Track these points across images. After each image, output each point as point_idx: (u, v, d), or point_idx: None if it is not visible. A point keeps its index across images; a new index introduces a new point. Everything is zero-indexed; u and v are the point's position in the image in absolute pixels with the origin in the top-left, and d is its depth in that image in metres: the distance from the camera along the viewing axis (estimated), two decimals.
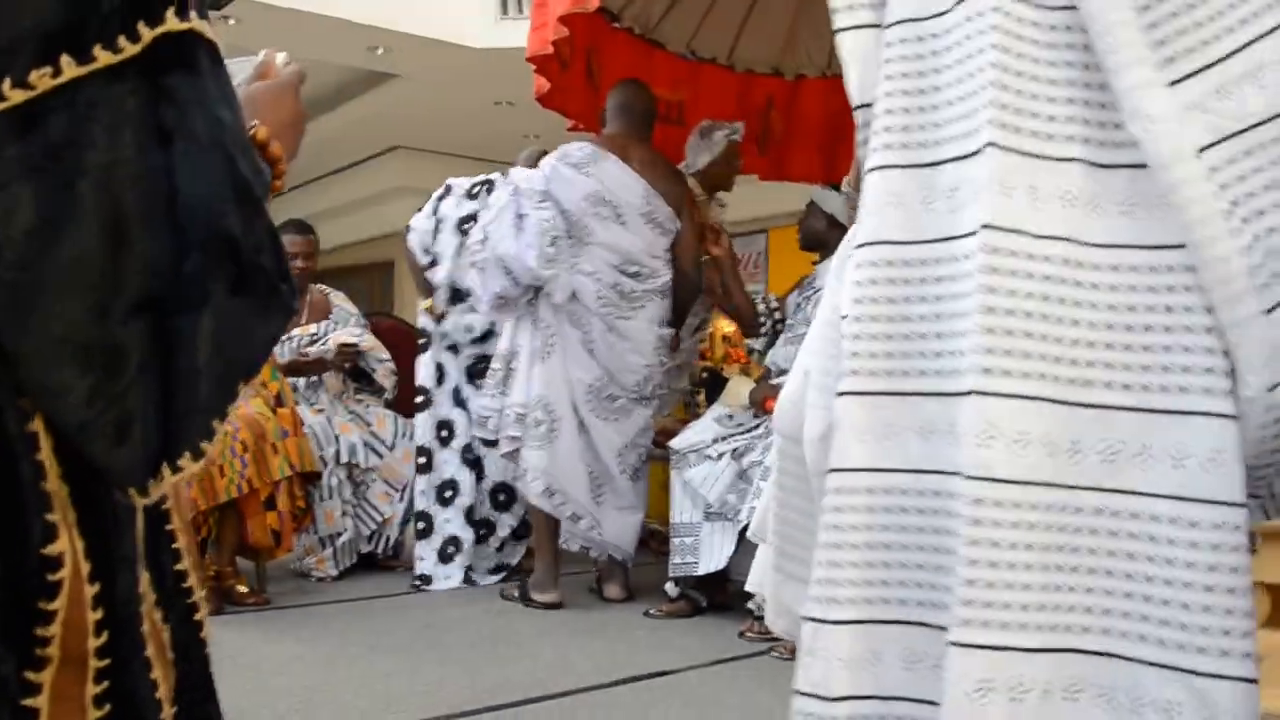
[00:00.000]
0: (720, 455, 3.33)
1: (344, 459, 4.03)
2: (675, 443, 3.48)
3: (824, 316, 1.32)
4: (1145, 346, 1.08)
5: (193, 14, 0.63)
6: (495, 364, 3.66)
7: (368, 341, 4.22)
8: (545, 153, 4.24)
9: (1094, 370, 1.08)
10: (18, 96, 0.56)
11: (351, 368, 4.22)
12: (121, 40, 0.59)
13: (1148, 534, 1.06)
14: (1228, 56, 1.07)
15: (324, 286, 4.46)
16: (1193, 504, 1.04)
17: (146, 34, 0.60)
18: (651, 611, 3.38)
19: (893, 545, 1.16)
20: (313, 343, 4.13)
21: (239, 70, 0.92)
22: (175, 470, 0.64)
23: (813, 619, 1.17)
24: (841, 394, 1.18)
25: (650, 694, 2.55)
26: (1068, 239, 1.10)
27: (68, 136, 0.57)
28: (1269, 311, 1.03)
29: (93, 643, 0.64)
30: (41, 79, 0.57)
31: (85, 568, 0.63)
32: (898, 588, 1.16)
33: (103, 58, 0.59)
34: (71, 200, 0.57)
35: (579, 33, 3.61)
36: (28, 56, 0.57)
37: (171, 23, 0.62)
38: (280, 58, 0.97)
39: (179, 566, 0.79)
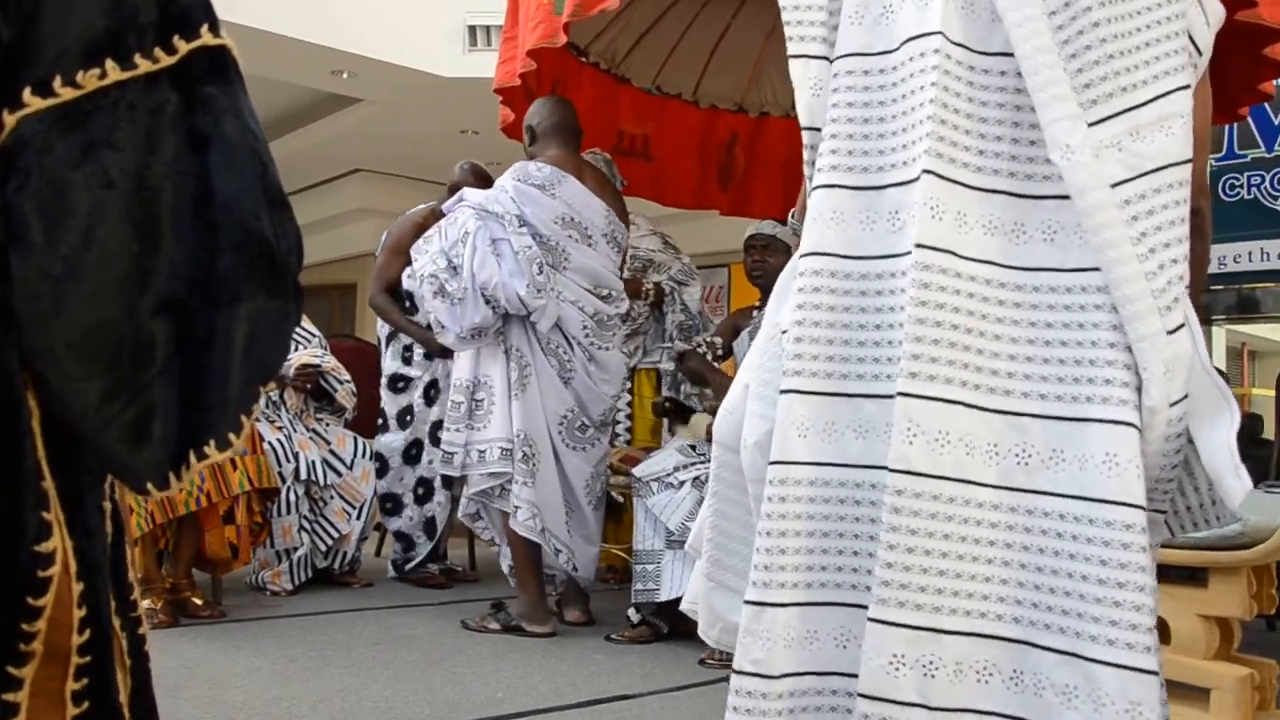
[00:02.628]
0: (682, 483, 3.42)
1: (303, 476, 4.11)
2: (638, 470, 3.57)
3: (764, 332, 1.44)
4: (1060, 360, 1.21)
5: (224, 32, 0.69)
6: (455, 396, 3.56)
7: (329, 363, 4.30)
8: (477, 168, 4.33)
9: (1012, 380, 1.21)
10: (68, 94, 0.62)
11: (313, 388, 4.29)
12: (158, 51, 0.65)
13: (1055, 530, 1.18)
14: (1143, 104, 1.22)
15: None
16: (1093, 503, 1.16)
17: (183, 46, 0.66)
18: (613, 636, 3.45)
19: (830, 534, 1.27)
20: None
21: None
22: (201, 458, 0.67)
23: (754, 602, 1.27)
24: (785, 391, 1.29)
25: (610, 717, 2.59)
26: (991, 262, 1.24)
27: (108, 136, 0.62)
28: (1171, 333, 1.18)
29: (75, 639, 0.66)
30: (89, 79, 0.63)
31: (73, 566, 0.66)
32: (834, 572, 1.28)
33: (143, 65, 0.64)
34: (109, 198, 0.62)
35: (546, 66, 3.74)
36: (76, 60, 0.63)
37: (207, 38, 0.68)
38: None
39: (129, 578, 0.79)
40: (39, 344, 0.62)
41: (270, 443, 3.98)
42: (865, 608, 1.22)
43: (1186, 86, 1.23)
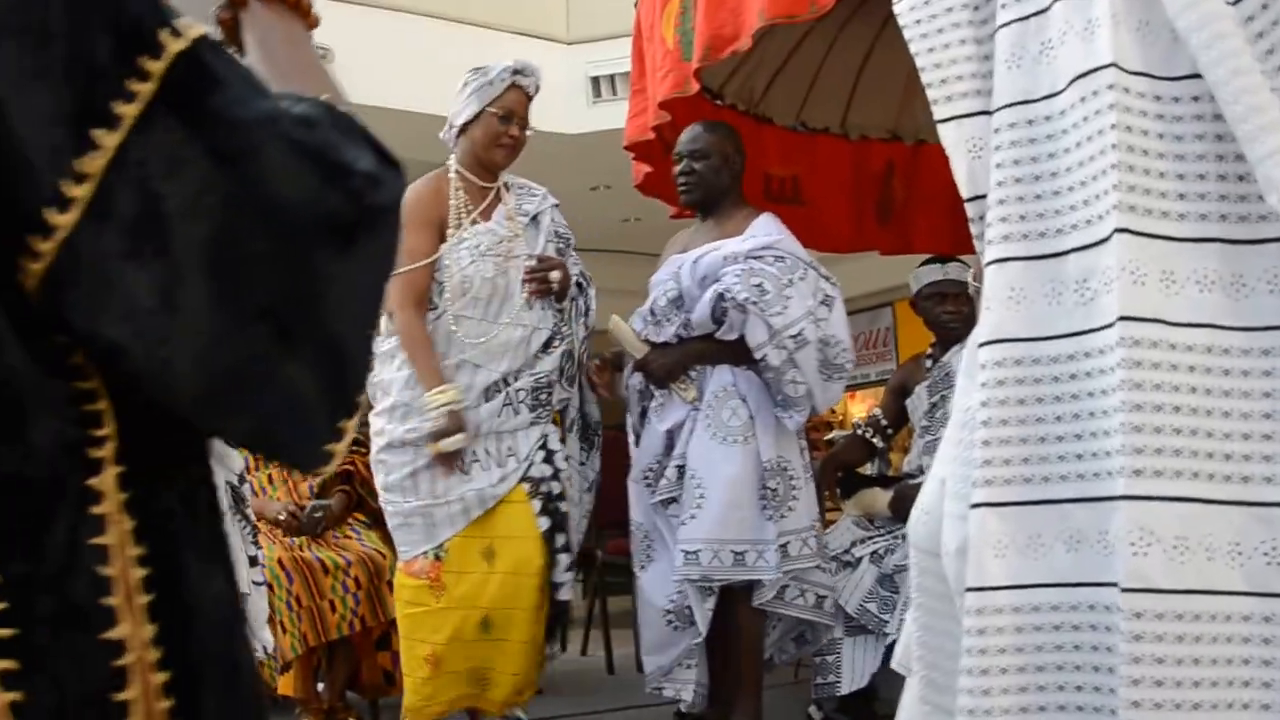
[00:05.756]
0: (859, 559, 3.31)
1: None
2: None
3: (956, 419, 1.35)
4: None
5: (176, 21, 0.65)
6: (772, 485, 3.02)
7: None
8: None
9: (1251, 465, 1.09)
10: (84, 191, 0.61)
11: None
12: (133, 84, 0.62)
13: None
14: None
15: None
16: None
17: (154, 67, 0.63)
18: None
19: (1046, 667, 1.17)
20: None
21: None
22: (352, 414, 0.70)
23: None
24: (975, 505, 1.20)
25: None
26: (1211, 325, 1.12)
27: (137, 208, 0.61)
28: None
29: None
30: (90, 163, 0.61)
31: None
32: (1055, 712, 1.17)
33: (126, 111, 0.62)
34: (171, 266, 0.62)
35: (680, 115, 3.74)
36: (68, 152, 0.61)
37: (171, 44, 0.64)
38: None
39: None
40: (179, 409, 0.66)
41: None
42: None
43: None
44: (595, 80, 6.62)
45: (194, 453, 0.75)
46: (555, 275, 3.08)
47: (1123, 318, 1.12)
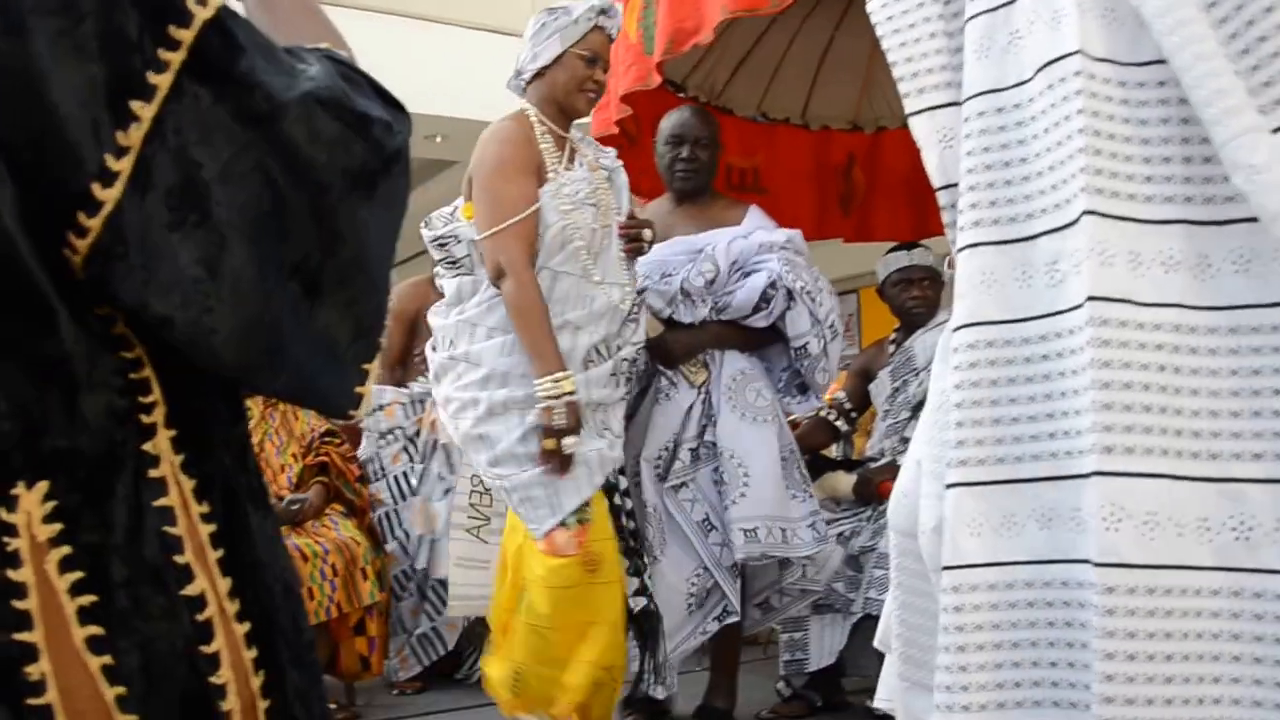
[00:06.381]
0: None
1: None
2: None
3: (932, 402, 1.35)
4: (1275, 411, 1.09)
5: None
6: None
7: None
8: None
9: (1220, 441, 1.10)
10: (125, 165, 0.61)
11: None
12: (163, 53, 0.62)
13: None
14: None
15: None
16: None
17: (184, 35, 0.63)
18: (764, 714, 3.36)
19: (1021, 643, 1.17)
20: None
21: None
22: (373, 356, 0.72)
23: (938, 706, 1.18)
24: (950, 485, 1.20)
25: None
26: (1178, 304, 1.12)
27: (177, 176, 0.62)
28: None
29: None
30: (131, 136, 0.61)
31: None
32: (1030, 688, 1.17)
33: (160, 81, 0.62)
34: (213, 232, 0.62)
35: (643, 108, 3.72)
36: (108, 123, 0.61)
37: (199, 12, 0.64)
38: None
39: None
40: (223, 371, 0.66)
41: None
42: None
43: None
44: None
45: (238, 410, 0.75)
46: (648, 234, 2.85)
47: (1091, 298, 1.13)
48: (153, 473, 0.66)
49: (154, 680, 0.63)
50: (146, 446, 0.66)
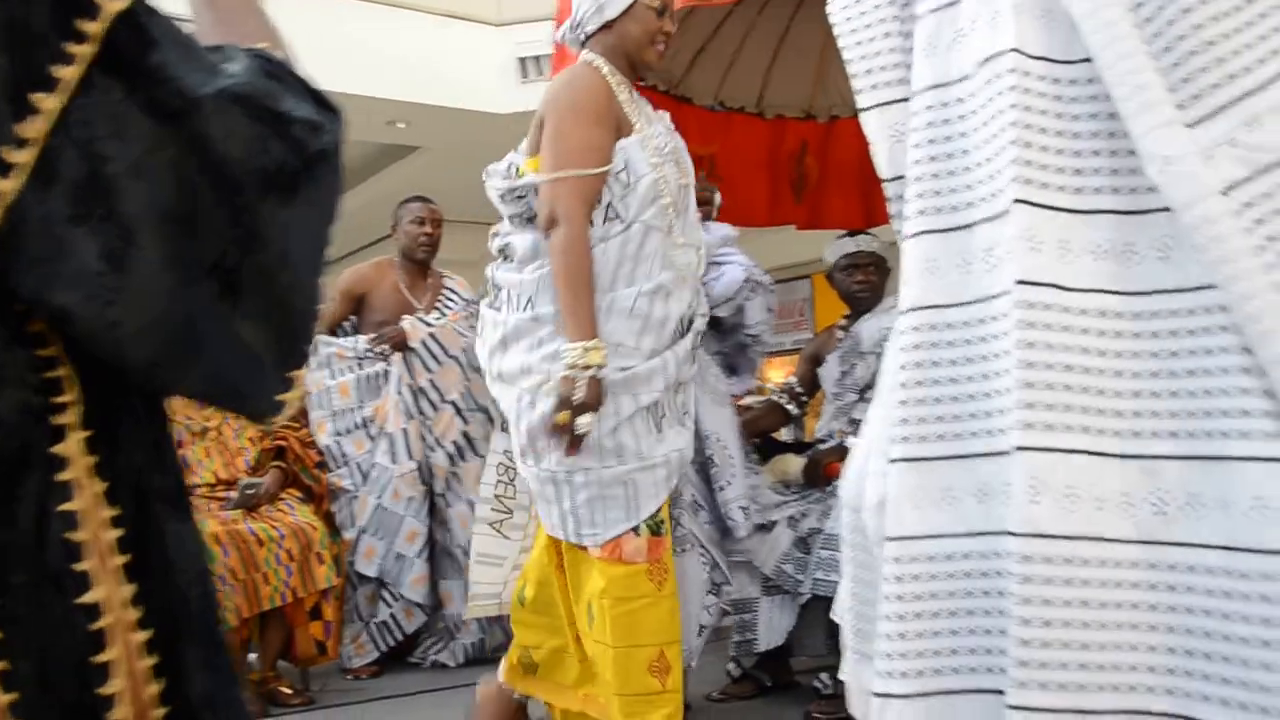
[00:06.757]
0: (774, 524, 3.35)
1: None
2: None
3: (883, 383, 1.38)
4: (1190, 392, 1.12)
5: None
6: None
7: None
8: None
9: (1140, 420, 1.13)
10: (25, 157, 0.59)
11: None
12: (69, 47, 0.61)
13: (1204, 588, 1.09)
14: (1259, 89, 1.12)
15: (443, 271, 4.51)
16: (1241, 554, 1.07)
17: (92, 28, 0.62)
18: (714, 695, 3.39)
19: (958, 611, 1.20)
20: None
21: None
22: (302, 364, 0.70)
23: (881, 694, 1.20)
24: (894, 460, 1.22)
25: None
26: (1102, 290, 1.16)
27: (82, 171, 0.60)
28: None
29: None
30: (32, 127, 0.59)
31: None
32: (966, 655, 1.20)
33: (66, 74, 0.60)
34: (119, 227, 0.61)
35: None
36: (7, 116, 0.59)
37: (109, 5, 0.63)
38: None
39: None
40: (132, 370, 0.64)
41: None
42: (1003, 693, 1.14)
43: None
44: (523, 61, 6.57)
45: (155, 409, 0.74)
46: (718, 198, 2.71)
47: (1019, 281, 1.16)
48: (61, 476, 0.64)
49: (47, 688, 0.62)
50: (57, 449, 0.64)
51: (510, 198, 2.42)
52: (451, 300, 4.42)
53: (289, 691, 3.59)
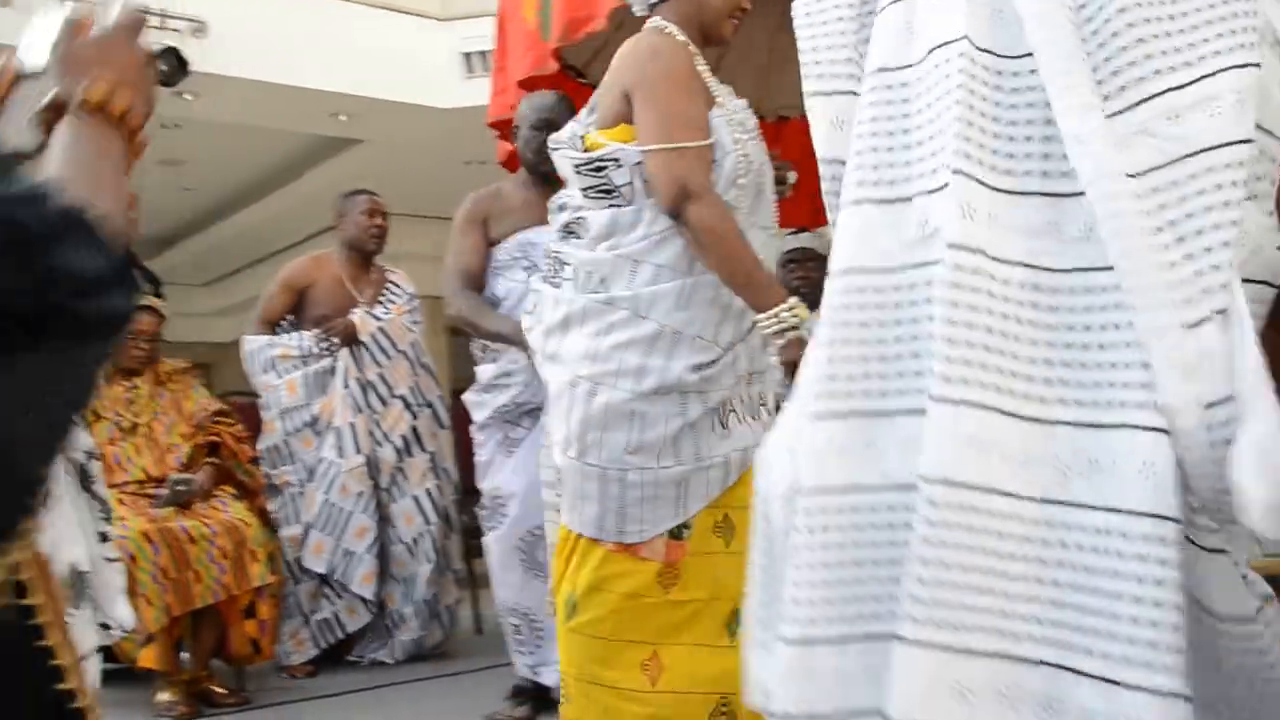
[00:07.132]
0: None
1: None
2: None
3: (804, 374, 1.39)
4: (1083, 364, 1.19)
5: None
6: None
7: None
8: None
9: (1047, 387, 1.19)
10: None
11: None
12: None
13: (1090, 545, 1.15)
14: (1183, 86, 1.19)
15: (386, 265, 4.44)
16: (1124, 516, 1.13)
17: None
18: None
19: (880, 561, 1.24)
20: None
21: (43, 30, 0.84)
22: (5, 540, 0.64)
23: (796, 640, 1.23)
24: (819, 417, 1.26)
25: None
26: (1024, 264, 1.21)
27: None
28: (1192, 326, 1.13)
29: None
30: None
31: None
32: (889, 601, 1.22)
33: None
34: None
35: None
36: None
37: None
38: (104, 8, 0.87)
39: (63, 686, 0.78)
40: None
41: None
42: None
43: (1248, 65, 1.19)
44: (468, 56, 6.53)
45: None
46: (792, 176, 2.50)
47: (951, 245, 1.20)
48: None
49: None
50: None
51: (587, 170, 2.16)
52: (395, 294, 4.36)
53: (223, 691, 3.53)
